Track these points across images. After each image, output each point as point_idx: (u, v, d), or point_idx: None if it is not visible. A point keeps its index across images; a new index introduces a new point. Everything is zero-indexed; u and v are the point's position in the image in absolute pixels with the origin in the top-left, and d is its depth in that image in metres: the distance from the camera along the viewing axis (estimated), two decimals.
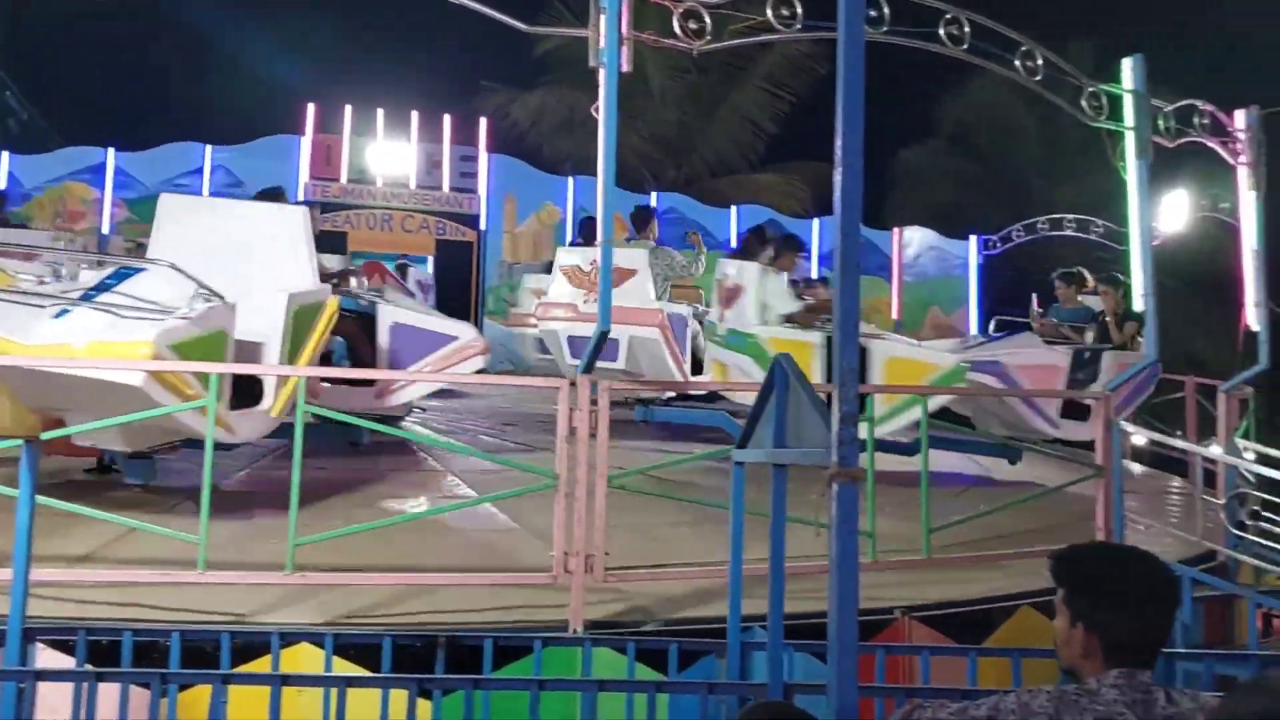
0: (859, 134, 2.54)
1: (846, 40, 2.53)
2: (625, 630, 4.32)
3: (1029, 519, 6.39)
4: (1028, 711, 2.11)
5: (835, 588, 2.37)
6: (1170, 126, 6.54)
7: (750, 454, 3.34)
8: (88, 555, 4.72)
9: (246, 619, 4.24)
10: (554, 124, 22.30)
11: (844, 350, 2.48)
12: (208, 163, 18.91)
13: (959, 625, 4.89)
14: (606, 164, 4.75)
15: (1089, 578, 2.20)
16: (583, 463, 4.65)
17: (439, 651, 3.81)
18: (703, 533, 5.87)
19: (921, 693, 3.09)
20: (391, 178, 19.73)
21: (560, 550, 4.56)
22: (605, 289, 4.82)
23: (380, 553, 5.20)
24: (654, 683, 3.36)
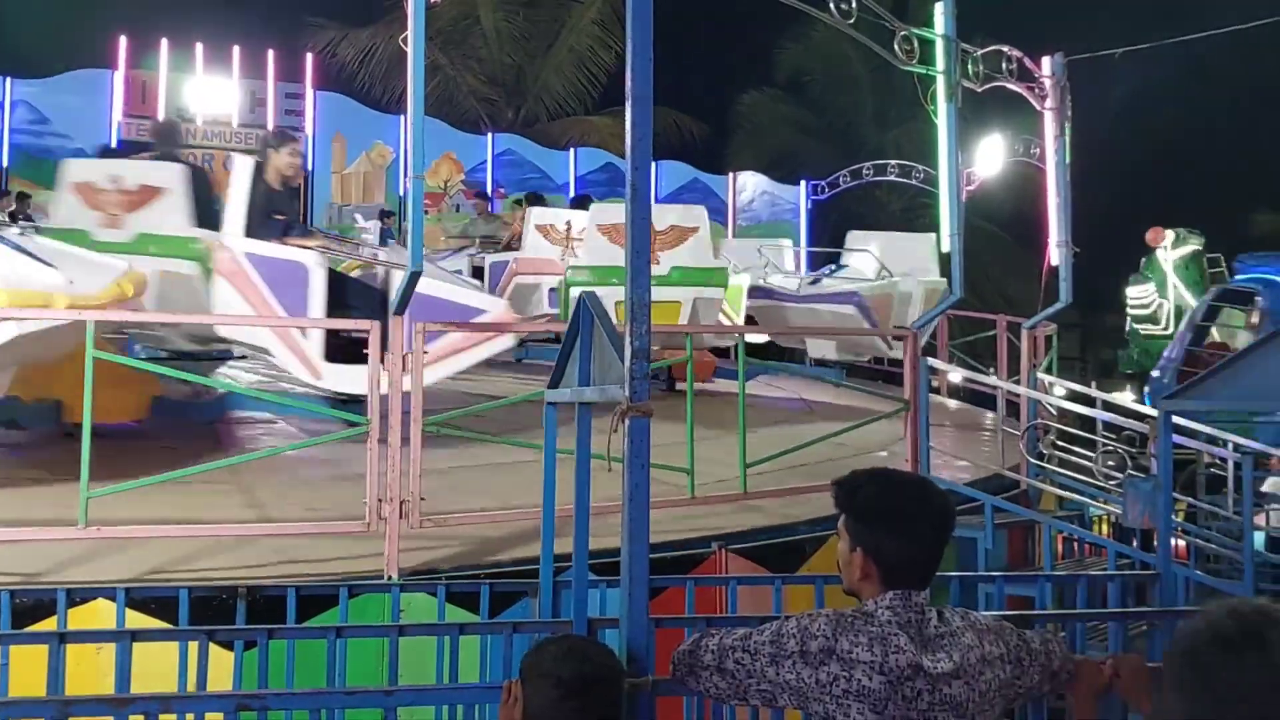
0: (648, 69, 2.51)
1: None
2: (442, 576, 4.28)
3: (844, 451, 6.61)
4: (807, 634, 2.17)
5: (628, 521, 2.38)
6: (979, 71, 6.73)
7: (559, 394, 3.32)
8: None
9: (35, 577, 4.01)
10: (385, 62, 21.63)
11: (635, 284, 2.47)
12: (8, 97, 17.64)
13: (773, 555, 5.04)
14: (416, 99, 4.61)
15: (866, 504, 2.26)
16: (396, 408, 4.54)
17: (240, 603, 3.68)
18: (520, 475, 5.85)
19: (723, 622, 3.15)
20: (212, 116, 18.81)
21: (374, 497, 4.47)
22: (417, 226, 4.70)
23: (187, 505, 5.01)
24: (458, 625, 3.33)
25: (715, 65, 23.70)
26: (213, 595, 3.77)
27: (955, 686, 2.12)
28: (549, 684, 2.18)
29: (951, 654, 2.14)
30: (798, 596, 4.02)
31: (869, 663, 2.10)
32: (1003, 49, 7.10)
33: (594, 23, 22.11)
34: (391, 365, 4.66)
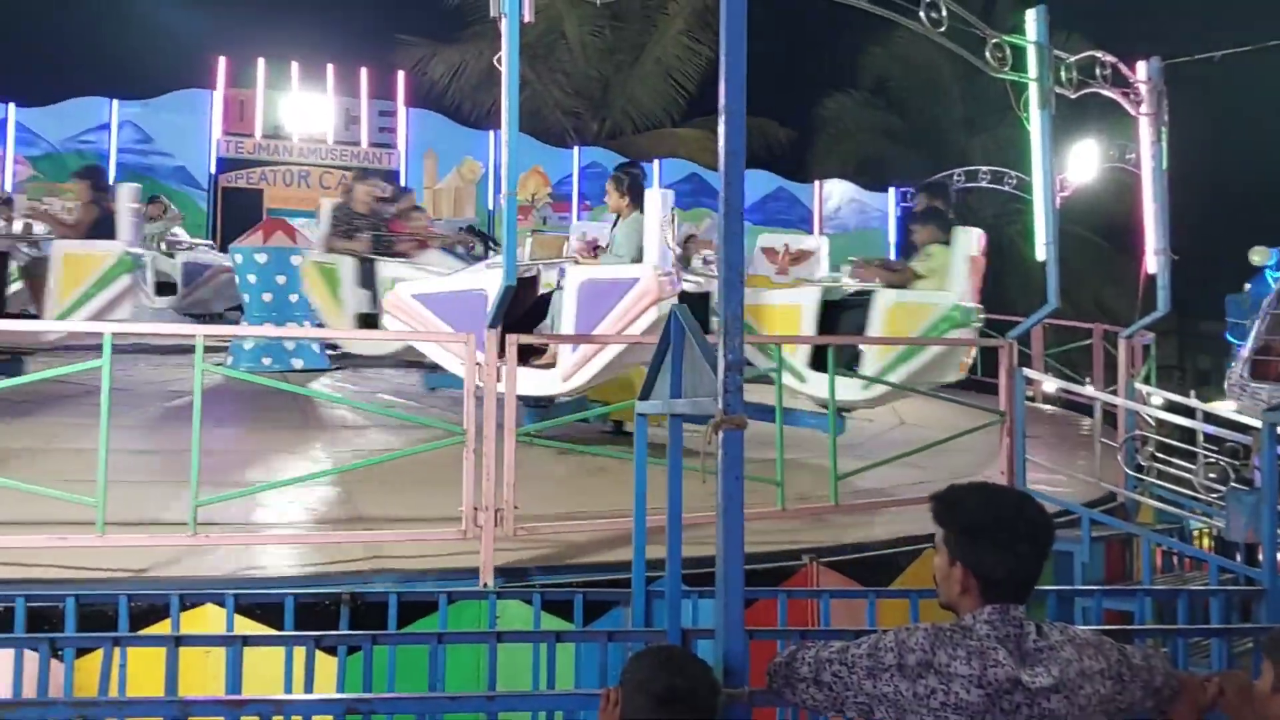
0: (741, 83, 2.54)
1: None
2: (534, 583, 4.34)
3: (937, 464, 6.53)
4: (904, 648, 2.18)
5: (722, 533, 2.41)
6: (1072, 77, 6.62)
7: (650, 405, 3.36)
8: None
9: (144, 575, 4.18)
10: (475, 78, 21.99)
11: (729, 299, 2.50)
12: (114, 118, 18.33)
13: (866, 569, 4.99)
14: (510, 117, 4.69)
15: (965, 517, 2.26)
16: (490, 417, 4.63)
17: (343, 608, 3.79)
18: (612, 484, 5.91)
19: (818, 635, 3.16)
20: (308, 133, 19.32)
21: (469, 505, 4.56)
22: (510, 241, 4.79)
23: (289, 506, 5.17)
24: (555, 632, 3.39)
25: (798, 69, 23.59)
26: (316, 600, 3.88)
27: (1054, 701, 2.11)
28: (644, 694, 2.22)
29: (1050, 668, 2.12)
30: (892, 611, 4.00)
31: (967, 676, 2.10)
32: (1097, 54, 6.98)
33: (681, 33, 22.15)
34: (486, 377, 4.76)
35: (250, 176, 18.81)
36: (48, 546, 4.23)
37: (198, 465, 4.37)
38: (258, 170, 18.74)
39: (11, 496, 4.66)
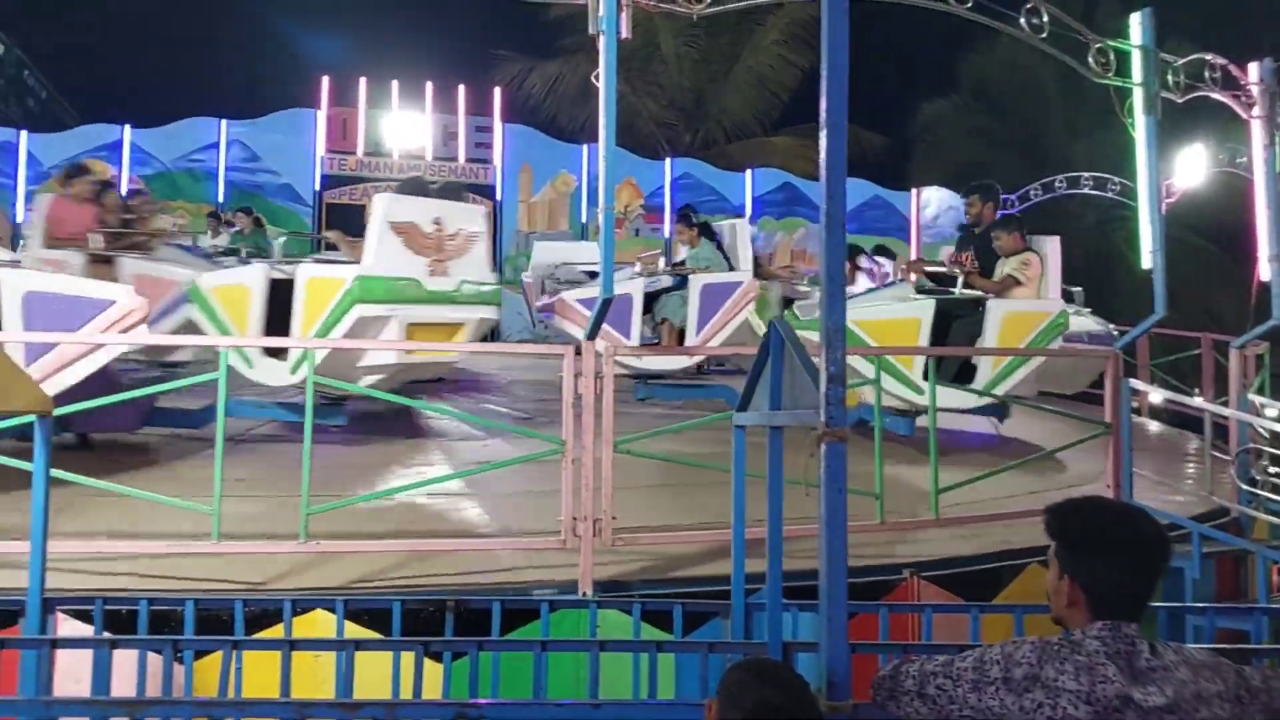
0: (843, 96, 2.55)
1: (830, 6, 2.54)
2: (632, 593, 4.38)
3: (1040, 478, 6.41)
4: (1011, 661, 2.16)
5: (825, 546, 2.41)
6: (1180, 81, 6.45)
7: (749, 417, 3.37)
8: (105, 528, 4.81)
9: (261, 587, 4.32)
10: (570, 92, 22.24)
11: (830, 310, 2.51)
12: (223, 137, 18.96)
13: (968, 584, 4.92)
14: (607, 133, 4.76)
15: (1078, 531, 2.24)
16: (588, 429, 4.69)
17: (448, 615, 3.88)
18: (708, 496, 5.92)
19: (921, 649, 3.13)
20: (407, 150, 19.75)
21: (568, 515, 4.62)
22: (608, 256, 4.85)
23: (392, 520, 5.30)
24: (655, 642, 3.41)
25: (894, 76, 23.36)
26: (422, 607, 3.98)
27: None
28: (738, 707, 2.23)
29: (1165, 688, 2.08)
30: (996, 626, 3.94)
31: (1075, 692, 2.07)
32: (1205, 56, 6.77)
33: (775, 42, 22.09)
34: (585, 387, 4.82)
35: (353, 192, 19.28)
36: (168, 554, 4.41)
37: (308, 475, 4.52)
38: (360, 186, 19.19)
39: (133, 506, 4.87)
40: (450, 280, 7.03)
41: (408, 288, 6.79)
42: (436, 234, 6.95)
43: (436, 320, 7.01)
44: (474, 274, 7.18)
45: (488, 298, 7.32)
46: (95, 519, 4.92)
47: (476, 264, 7.22)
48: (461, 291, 7.08)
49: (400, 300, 6.75)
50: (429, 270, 6.93)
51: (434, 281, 6.95)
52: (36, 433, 3.43)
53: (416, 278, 6.83)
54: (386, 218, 6.75)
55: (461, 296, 7.09)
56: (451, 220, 7.08)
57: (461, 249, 7.08)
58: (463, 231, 7.09)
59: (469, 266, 7.15)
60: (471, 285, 7.14)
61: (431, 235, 6.93)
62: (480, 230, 7.25)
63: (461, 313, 7.15)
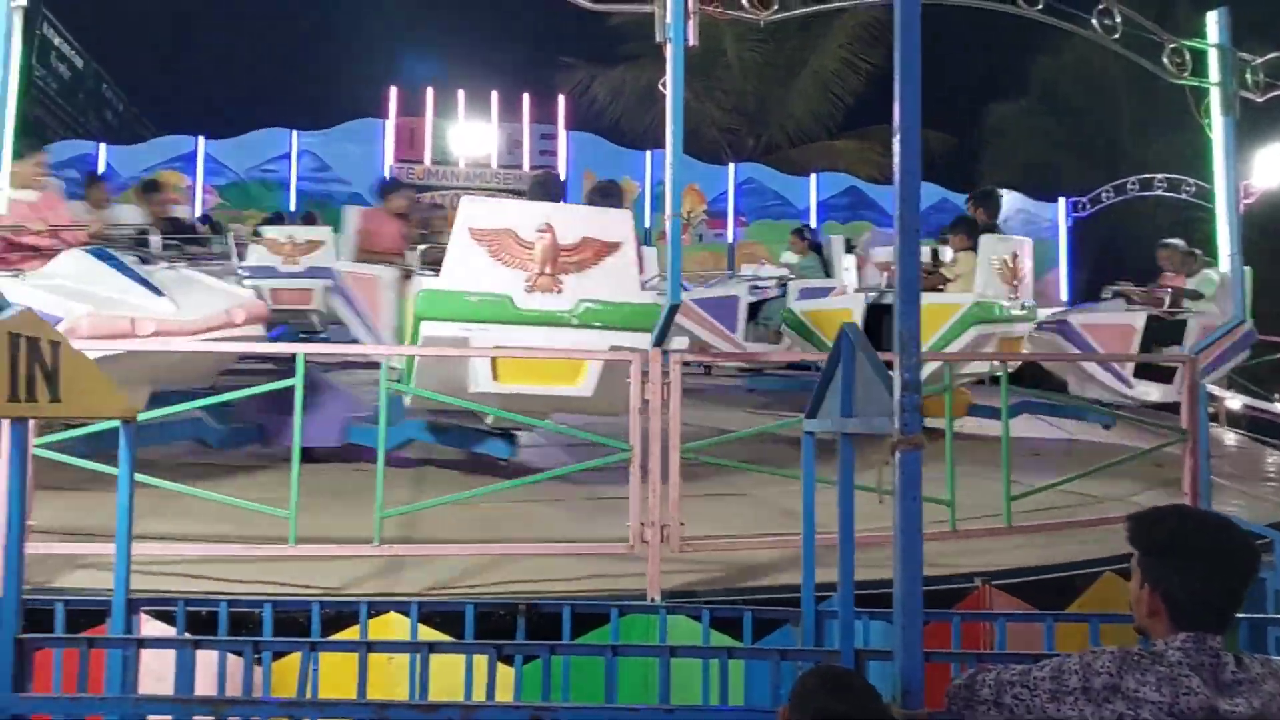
0: (916, 103, 2.53)
1: (903, 10, 2.52)
2: (701, 599, 4.38)
3: (1115, 485, 6.29)
4: (1090, 671, 2.14)
5: (900, 554, 2.40)
6: (1259, 80, 6.30)
7: (819, 423, 3.36)
8: (185, 532, 4.93)
9: (336, 591, 4.40)
10: (633, 98, 22.34)
11: (905, 317, 2.49)
12: (294, 148, 19.34)
13: (1041, 592, 4.85)
14: (674, 141, 4.78)
15: (1161, 540, 2.21)
16: (656, 435, 4.71)
17: (519, 619, 3.92)
18: (775, 502, 5.91)
19: (994, 658, 3.09)
20: (473, 158, 20.00)
21: (636, 521, 4.64)
22: (675, 261, 4.87)
23: (463, 525, 5.37)
24: (726, 649, 3.42)
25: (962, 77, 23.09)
26: (493, 611, 4.02)
27: None
28: (807, 715, 2.22)
29: (1252, 700, 2.04)
30: (1071, 635, 3.87)
31: (1157, 703, 2.04)
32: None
33: (840, 46, 21.99)
34: (652, 394, 4.83)
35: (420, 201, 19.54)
36: (245, 556, 4.52)
37: (382, 479, 4.59)
38: (426, 195, 19.46)
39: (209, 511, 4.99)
40: (563, 298, 5.70)
41: (494, 306, 5.69)
42: (543, 243, 5.69)
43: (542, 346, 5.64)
44: (607, 292, 5.71)
45: (626, 321, 5.68)
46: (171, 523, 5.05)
47: (614, 280, 5.73)
48: (579, 312, 5.70)
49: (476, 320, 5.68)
50: (527, 285, 5.72)
51: (534, 299, 5.71)
52: (121, 438, 3.52)
53: (507, 294, 5.69)
54: (466, 223, 5.76)
55: (578, 318, 5.69)
56: (572, 227, 5.75)
57: (587, 262, 5.72)
58: (591, 240, 5.71)
59: (601, 283, 5.72)
60: (597, 306, 5.70)
61: (531, 244, 5.68)
62: (620, 240, 5.73)
63: (582, 338, 5.67)
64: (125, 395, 3.53)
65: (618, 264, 5.71)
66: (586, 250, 5.71)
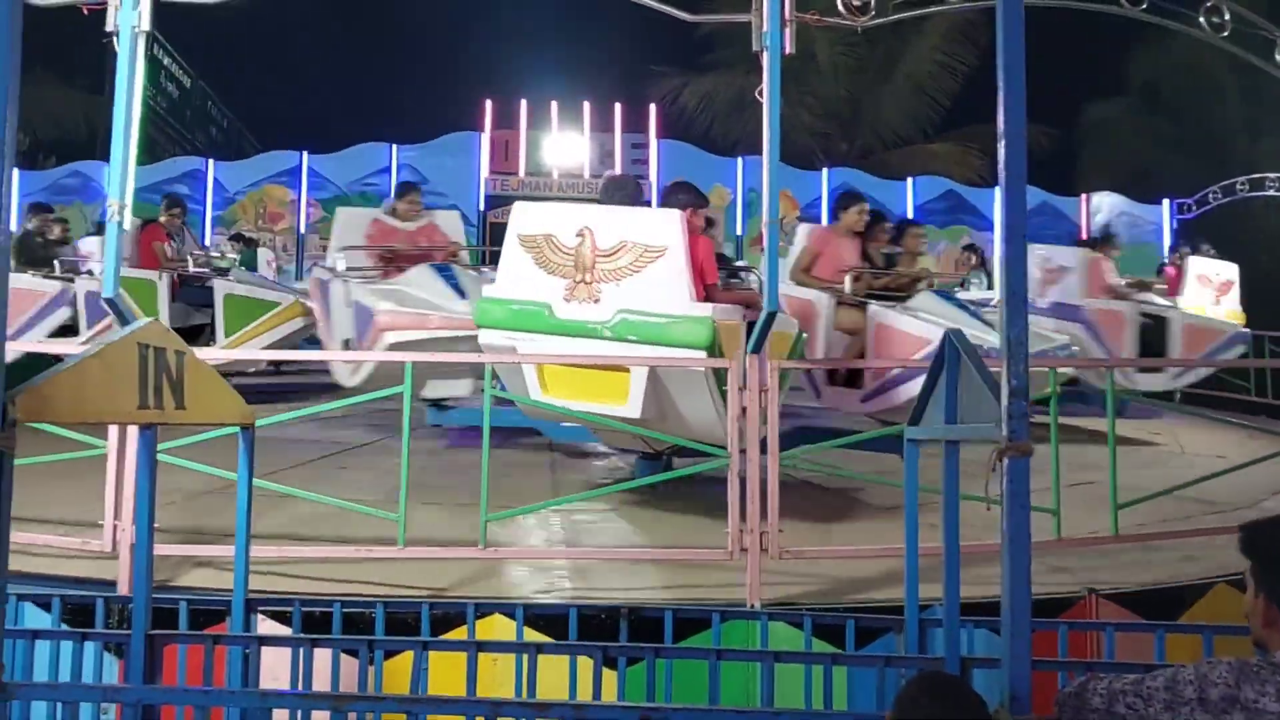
0: (1021, 106, 2.52)
1: (1005, 12, 2.52)
2: (801, 606, 4.39)
3: (1227, 492, 6.11)
4: (1206, 682, 2.10)
5: (1008, 562, 2.39)
6: None
7: (922, 431, 3.35)
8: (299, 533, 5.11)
9: (444, 592, 4.52)
10: (724, 106, 22.32)
11: (1012, 322, 2.48)
12: (394, 161, 19.78)
13: (1150, 604, 4.74)
14: (771, 149, 4.79)
15: (1271, 548, 2.17)
16: (754, 442, 4.72)
17: (621, 622, 3.98)
18: (877, 511, 5.88)
19: (1103, 668, 3.05)
20: (566, 169, 20.22)
21: (735, 528, 4.66)
22: (772, 268, 4.88)
23: (565, 528, 5.45)
24: (830, 655, 3.43)
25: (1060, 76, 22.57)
26: (596, 614, 4.09)
27: None
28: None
29: None
30: (1182, 647, 3.79)
31: (1278, 714, 2.00)
32: None
33: (933, 47, 21.68)
34: (749, 401, 4.85)
35: None
36: (356, 558, 4.66)
37: (487, 484, 4.70)
38: None
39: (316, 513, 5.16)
40: (599, 309, 5.33)
41: (531, 315, 5.47)
42: (579, 248, 5.39)
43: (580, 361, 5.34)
44: (649, 302, 5.24)
45: (668, 336, 5.19)
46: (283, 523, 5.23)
47: (658, 289, 5.24)
48: (614, 324, 5.29)
49: (517, 328, 5.51)
50: (566, 293, 5.42)
51: (570, 309, 5.40)
52: (240, 443, 3.67)
53: (547, 302, 5.43)
54: (515, 229, 5.58)
55: (612, 330, 5.29)
56: (611, 230, 5.35)
57: (626, 269, 5.29)
58: (629, 244, 5.27)
59: (642, 292, 5.26)
60: (636, 318, 5.25)
61: (571, 249, 5.40)
62: (666, 244, 5.23)
63: (617, 352, 5.27)
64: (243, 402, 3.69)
65: (663, 271, 5.22)
66: (626, 255, 5.31)
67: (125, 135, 4.84)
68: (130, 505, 4.55)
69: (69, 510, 5.09)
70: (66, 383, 2.53)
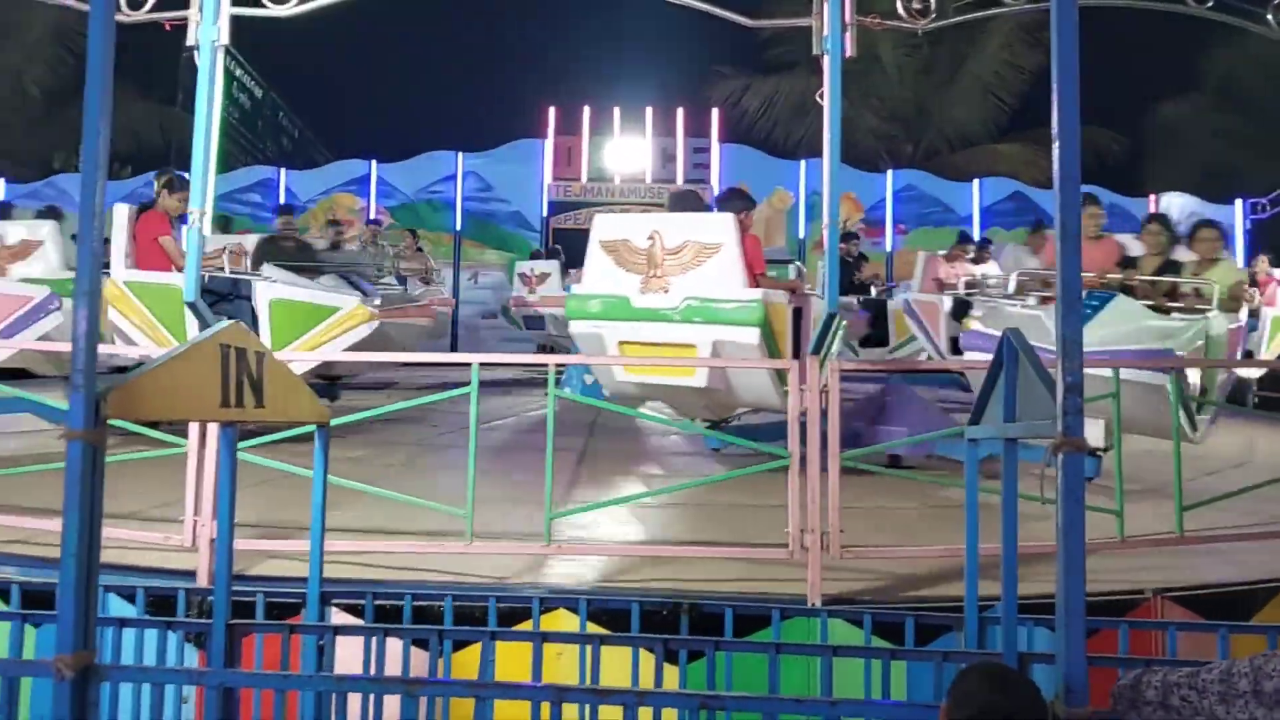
0: (1075, 106, 2.56)
1: (1059, 11, 2.56)
2: (861, 605, 4.42)
3: None
4: (1261, 674, 2.12)
5: (1063, 555, 2.42)
6: None
7: (981, 430, 3.39)
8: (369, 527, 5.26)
9: (504, 580, 4.64)
10: (787, 108, 22.32)
11: (1067, 320, 2.52)
12: (460, 169, 20.08)
13: (1217, 606, 4.69)
14: (832, 153, 4.82)
15: None
16: (814, 442, 4.77)
17: (682, 617, 4.05)
18: (937, 512, 5.89)
19: (1164, 664, 3.05)
20: (628, 174, 20.37)
21: (796, 527, 4.70)
22: (833, 271, 4.92)
23: (629, 527, 5.55)
24: (889, 649, 3.47)
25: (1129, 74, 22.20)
26: (657, 609, 4.16)
27: None
28: (966, 709, 2.26)
29: None
30: (1247, 648, 3.75)
31: None
32: None
33: (999, 47, 21.48)
34: (809, 401, 4.90)
35: (577, 217, 20.01)
36: (425, 552, 4.79)
37: (551, 482, 4.81)
38: (584, 211, 19.91)
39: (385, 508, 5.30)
40: (669, 297, 6.51)
41: (614, 306, 6.65)
42: (650, 249, 6.56)
43: (654, 340, 6.54)
44: (709, 290, 6.41)
45: (726, 316, 6.36)
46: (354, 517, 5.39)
47: (715, 279, 6.43)
48: (682, 309, 6.46)
49: (606, 318, 6.65)
50: (641, 287, 6.61)
51: (646, 299, 6.58)
52: (316, 441, 3.81)
53: (626, 295, 6.60)
54: (597, 237, 6.80)
55: (680, 314, 6.46)
56: (675, 233, 6.55)
57: (689, 263, 6.48)
58: (691, 244, 6.46)
59: (702, 281, 6.45)
60: (700, 302, 6.42)
61: (644, 251, 6.57)
62: (721, 242, 6.44)
63: (685, 332, 6.45)
64: (318, 402, 3.83)
65: (719, 264, 6.44)
66: (689, 253, 6.52)
67: (205, 145, 5.04)
68: (209, 501, 4.74)
69: (149, 507, 5.30)
70: (153, 381, 2.66)
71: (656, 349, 6.58)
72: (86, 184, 2.44)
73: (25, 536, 4.82)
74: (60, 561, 2.35)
